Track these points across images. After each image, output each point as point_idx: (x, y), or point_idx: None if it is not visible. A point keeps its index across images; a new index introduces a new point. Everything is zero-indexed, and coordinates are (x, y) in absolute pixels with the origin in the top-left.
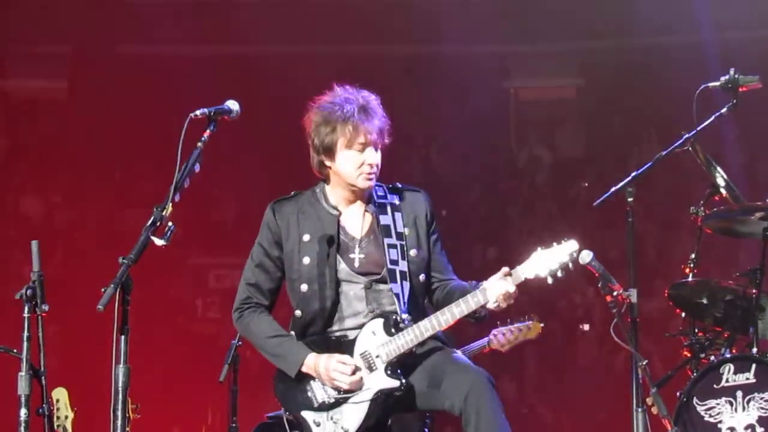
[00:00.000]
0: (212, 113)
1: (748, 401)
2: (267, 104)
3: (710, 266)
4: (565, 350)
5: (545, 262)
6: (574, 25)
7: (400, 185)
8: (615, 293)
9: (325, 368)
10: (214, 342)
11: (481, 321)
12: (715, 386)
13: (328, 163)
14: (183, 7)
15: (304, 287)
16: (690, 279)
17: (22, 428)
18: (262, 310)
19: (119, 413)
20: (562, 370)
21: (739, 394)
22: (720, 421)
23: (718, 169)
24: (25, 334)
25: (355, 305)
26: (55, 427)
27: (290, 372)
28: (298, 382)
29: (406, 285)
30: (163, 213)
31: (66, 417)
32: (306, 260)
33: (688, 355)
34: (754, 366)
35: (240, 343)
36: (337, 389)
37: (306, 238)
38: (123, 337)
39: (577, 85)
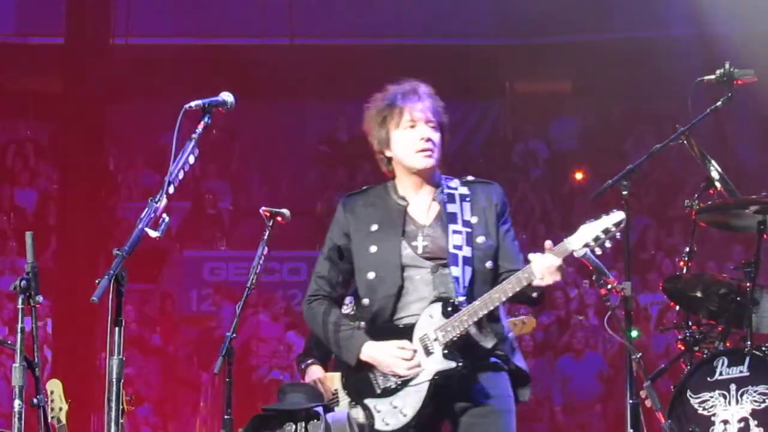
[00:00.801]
0: (207, 105)
1: (742, 394)
2: (264, 98)
3: (705, 260)
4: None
5: (592, 232)
6: (570, 19)
7: (472, 178)
8: (609, 286)
9: (382, 355)
10: (209, 334)
11: (535, 303)
12: (708, 379)
13: (388, 154)
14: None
15: (370, 275)
16: (684, 272)
17: (16, 419)
18: (329, 302)
19: (113, 405)
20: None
21: (733, 387)
22: (714, 414)
23: (713, 162)
24: (20, 325)
25: (422, 290)
26: (50, 418)
27: (350, 361)
28: (359, 370)
29: (468, 270)
30: (158, 205)
31: (60, 409)
32: (373, 249)
33: (682, 348)
34: (747, 359)
35: (235, 335)
36: (396, 375)
37: (374, 227)
38: (117, 328)
39: (573, 79)
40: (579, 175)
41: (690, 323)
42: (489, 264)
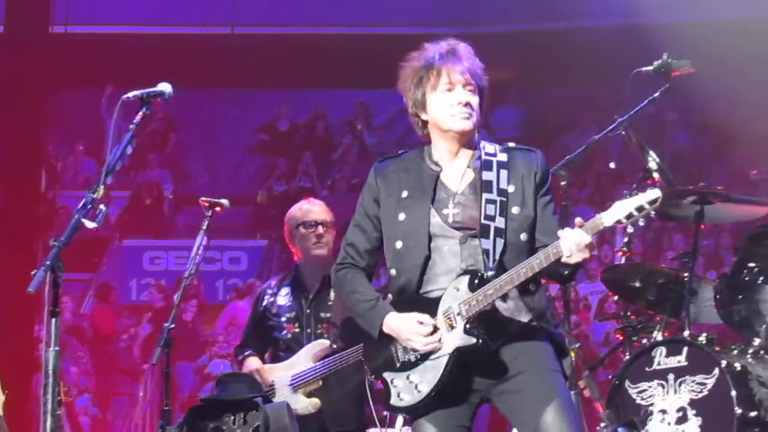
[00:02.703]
0: (145, 96)
1: (680, 384)
2: (204, 86)
3: (644, 249)
4: None
5: (626, 209)
6: (512, 9)
7: (513, 144)
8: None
9: (401, 328)
10: (150, 324)
11: (566, 281)
12: (647, 369)
13: (424, 117)
14: None
15: (398, 244)
16: (623, 262)
17: None
18: (356, 270)
19: (49, 396)
20: None
21: (671, 377)
22: (652, 404)
23: (651, 153)
24: None
25: (449, 261)
26: None
27: (372, 333)
28: (380, 342)
29: (500, 242)
30: (95, 195)
31: None
32: (401, 216)
33: (621, 337)
34: (685, 349)
35: (173, 325)
36: (414, 349)
37: (404, 194)
38: (54, 320)
39: (515, 69)
40: None
41: (629, 313)
42: (524, 236)
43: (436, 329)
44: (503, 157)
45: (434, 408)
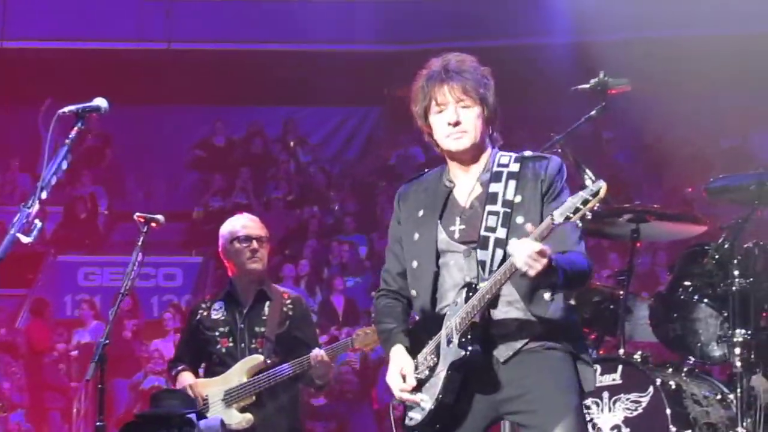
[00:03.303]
0: (80, 111)
1: (614, 402)
2: (140, 102)
3: None
4: None
5: (572, 204)
6: (449, 27)
7: (529, 153)
8: None
9: (390, 369)
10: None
11: (556, 292)
12: None
13: (434, 137)
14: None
15: (414, 264)
16: None
17: None
18: (389, 297)
19: None
20: None
21: (606, 395)
22: (587, 422)
23: (587, 171)
24: None
25: (455, 276)
26: None
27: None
28: None
29: (499, 253)
30: (30, 210)
31: None
32: (416, 236)
33: None
34: (620, 367)
35: (108, 341)
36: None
37: (420, 213)
38: None
39: None
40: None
41: None
42: (528, 226)
43: (438, 348)
44: (515, 167)
45: (443, 427)
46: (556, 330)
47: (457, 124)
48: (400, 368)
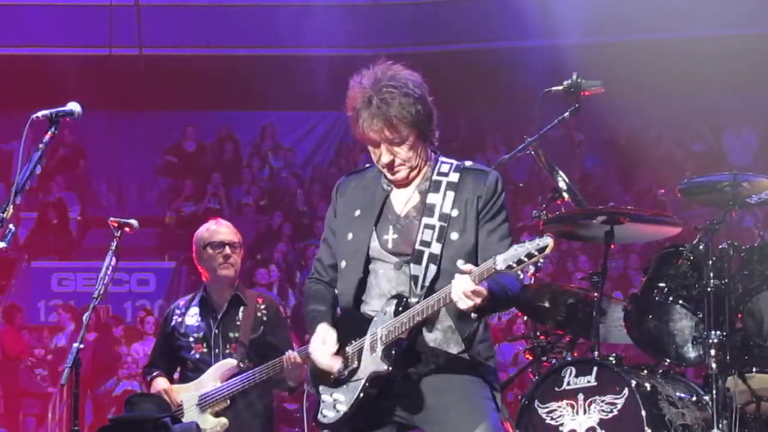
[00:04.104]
0: (54, 115)
1: (590, 404)
2: (112, 107)
3: (553, 270)
4: None
5: (516, 254)
6: (423, 30)
7: (469, 164)
8: None
9: (312, 340)
10: (57, 345)
11: (482, 315)
12: (556, 389)
13: None
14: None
15: (343, 264)
16: (532, 282)
17: None
18: (319, 284)
19: None
20: None
21: (581, 397)
22: (561, 424)
23: (560, 173)
24: None
25: (383, 286)
26: None
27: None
28: None
29: (432, 269)
30: (4, 215)
31: None
32: (349, 236)
33: (530, 358)
34: (595, 369)
35: (82, 346)
36: (339, 368)
37: (357, 213)
38: None
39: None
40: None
41: (538, 333)
42: (461, 263)
43: (360, 352)
44: (454, 177)
45: (356, 430)
46: (476, 355)
47: (390, 164)
48: (322, 338)
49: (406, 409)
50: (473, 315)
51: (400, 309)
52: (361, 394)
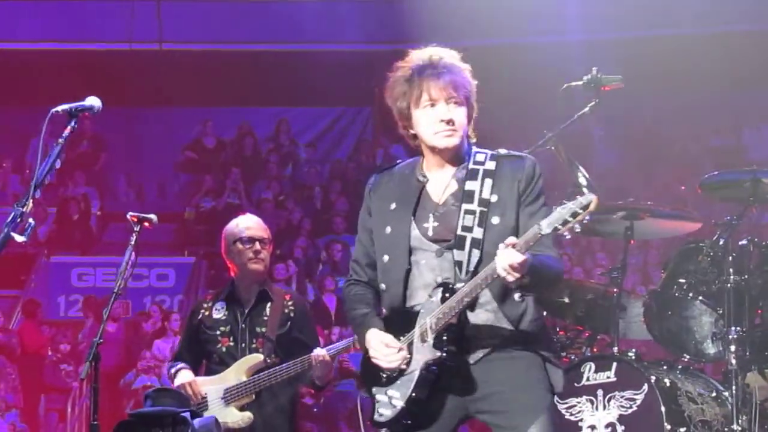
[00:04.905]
0: (73, 110)
1: (609, 400)
2: (131, 103)
3: (571, 267)
4: None
5: (560, 216)
6: (440, 26)
7: (503, 152)
8: None
9: (370, 347)
10: (77, 339)
11: (525, 292)
12: (576, 385)
13: (411, 130)
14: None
15: (385, 258)
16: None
17: None
18: (359, 285)
19: None
20: None
21: (600, 392)
22: (581, 420)
23: (580, 168)
24: None
25: (426, 275)
26: None
27: (362, 348)
28: (369, 358)
29: (476, 253)
30: (24, 209)
31: None
32: (388, 229)
33: None
34: (614, 365)
35: (102, 340)
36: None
37: (392, 206)
38: None
39: None
40: None
41: (557, 328)
42: (503, 247)
43: (410, 345)
44: (491, 165)
45: (413, 424)
46: (526, 331)
47: (450, 121)
48: (382, 341)
49: (460, 402)
50: (516, 296)
51: (447, 295)
52: (417, 386)
